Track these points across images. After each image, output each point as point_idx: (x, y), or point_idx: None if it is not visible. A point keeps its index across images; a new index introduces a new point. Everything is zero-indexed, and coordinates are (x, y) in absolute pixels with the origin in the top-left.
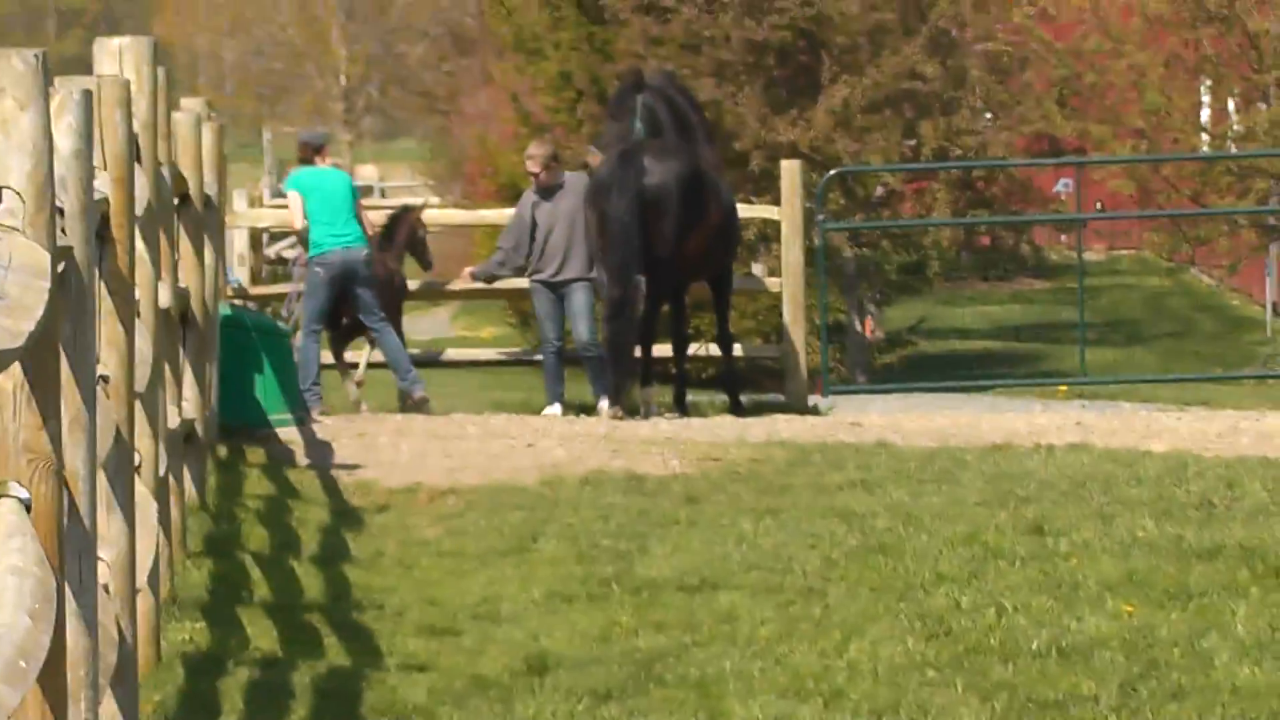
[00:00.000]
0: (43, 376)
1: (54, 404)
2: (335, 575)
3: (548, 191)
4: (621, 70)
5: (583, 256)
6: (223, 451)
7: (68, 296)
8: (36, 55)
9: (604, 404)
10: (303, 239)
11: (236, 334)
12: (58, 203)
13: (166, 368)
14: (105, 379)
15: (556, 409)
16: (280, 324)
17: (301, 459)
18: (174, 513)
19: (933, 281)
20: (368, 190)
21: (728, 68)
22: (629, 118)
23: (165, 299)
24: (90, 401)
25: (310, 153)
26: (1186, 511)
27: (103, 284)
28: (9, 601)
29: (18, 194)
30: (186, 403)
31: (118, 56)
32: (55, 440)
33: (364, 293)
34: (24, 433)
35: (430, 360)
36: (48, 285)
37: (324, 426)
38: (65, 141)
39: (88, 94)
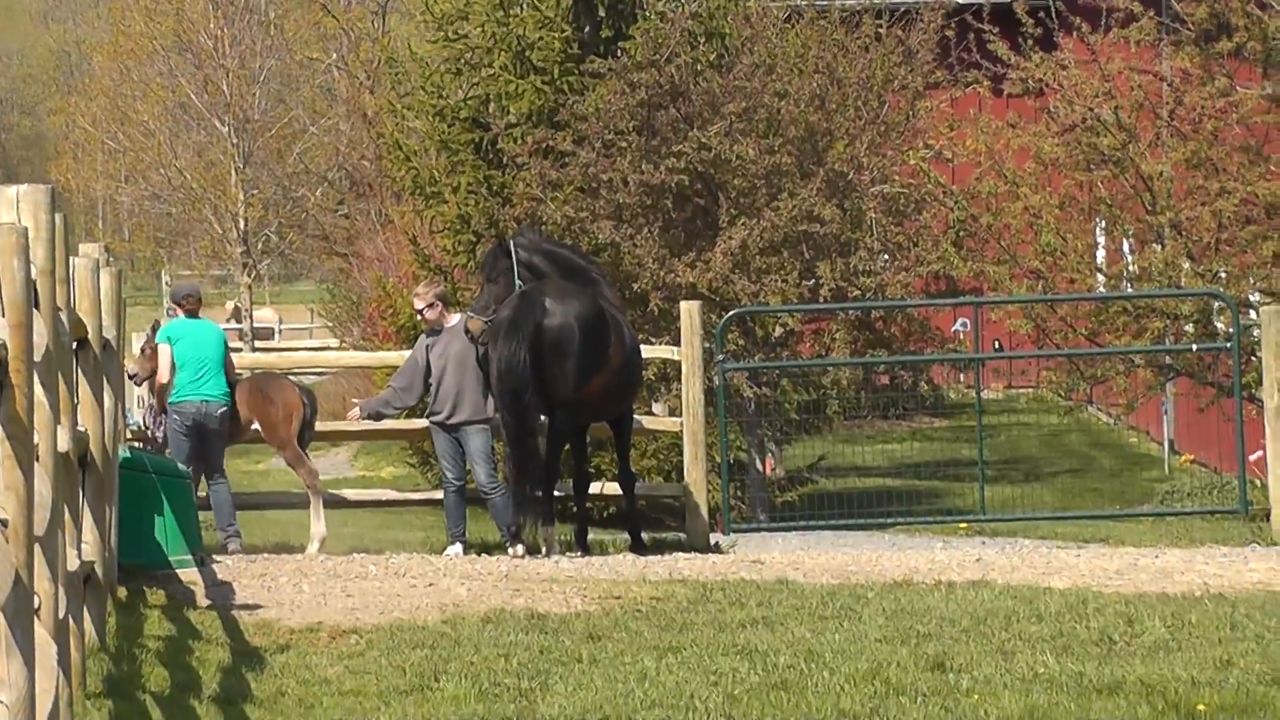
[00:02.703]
0: None
1: None
2: (236, 715)
3: (436, 332)
4: (518, 214)
5: (476, 398)
6: (123, 593)
7: None
8: None
9: (455, 548)
10: (162, 392)
11: (136, 476)
12: None
13: (66, 510)
14: (4, 523)
15: (458, 548)
16: (180, 466)
17: (202, 599)
18: (74, 654)
19: (833, 420)
20: (267, 332)
21: (626, 210)
22: (506, 276)
23: (64, 443)
24: None
25: (187, 304)
26: (1087, 647)
27: (0, 429)
28: None
29: None
30: (86, 545)
31: (14, 204)
32: None
33: (211, 444)
34: None
35: (332, 500)
36: None
37: (225, 567)
38: None
39: None
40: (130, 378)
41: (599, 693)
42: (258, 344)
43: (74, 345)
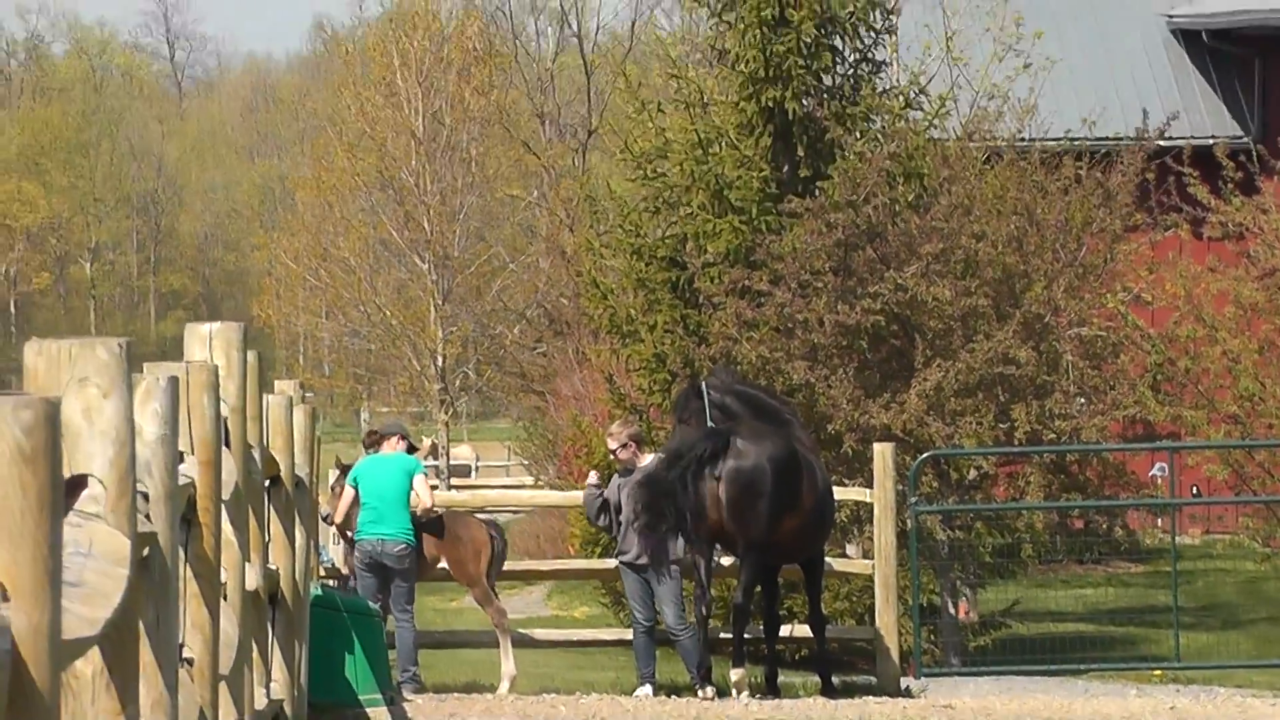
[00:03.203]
0: (122, 662)
1: (132, 688)
2: None
3: (628, 472)
4: (713, 353)
5: (666, 540)
6: None
7: (151, 581)
8: (120, 344)
9: (645, 689)
10: (341, 530)
11: (327, 614)
12: (142, 488)
13: (254, 648)
14: (189, 661)
15: (648, 689)
16: (371, 604)
17: None
18: None
19: (1027, 564)
20: (464, 470)
21: (820, 350)
22: (698, 418)
23: (253, 581)
24: (172, 685)
25: (374, 441)
26: None
27: (188, 567)
28: None
29: (100, 481)
30: (275, 683)
31: (207, 341)
32: None
33: (397, 584)
34: (102, 718)
35: (522, 640)
36: (127, 572)
37: (414, 706)
38: (150, 427)
39: (173, 380)
40: (322, 518)
41: None
42: (454, 481)
43: (266, 483)
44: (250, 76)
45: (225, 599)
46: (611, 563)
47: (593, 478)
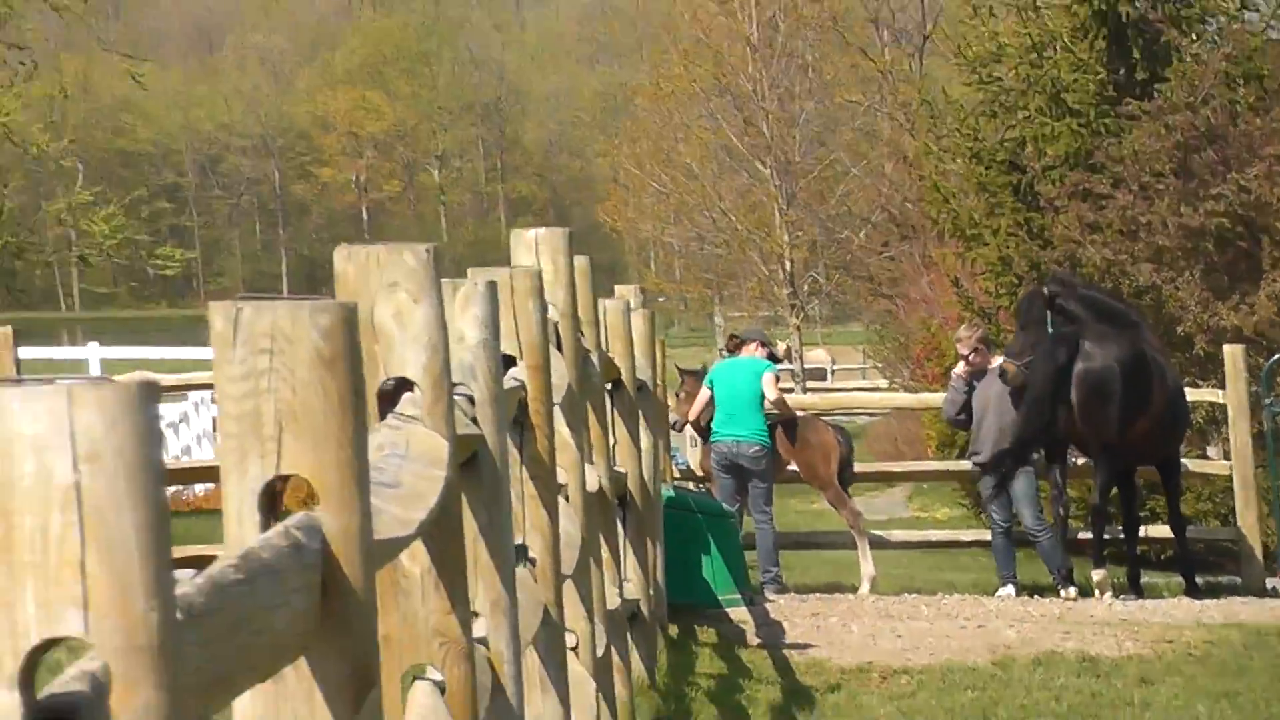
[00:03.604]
0: (447, 561)
1: (460, 587)
2: None
3: (979, 374)
4: (1058, 257)
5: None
6: (674, 630)
7: (481, 483)
8: (427, 250)
9: (1007, 590)
10: (699, 431)
11: (681, 515)
12: (467, 391)
13: (605, 549)
14: (532, 561)
15: (1010, 590)
16: (725, 505)
17: (752, 638)
18: (619, 691)
19: None
20: (820, 373)
21: (1166, 253)
22: (1041, 323)
23: (594, 481)
24: (510, 584)
25: (734, 345)
26: None
27: (523, 469)
28: None
29: (414, 384)
30: (628, 583)
31: (534, 248)
32: (465, 624)
33: (755, 485)
34: (434, 617)
35: (881, 542)
36: (443, 474)
37: (776, 606)
38: (472, 331)
39: (492, 285)
40: (671, 425)
41: None
42: (809, 385)
43: (609, 387)
44: None
45: (566, 500)
46: (967, 464)
47: (960, 370)
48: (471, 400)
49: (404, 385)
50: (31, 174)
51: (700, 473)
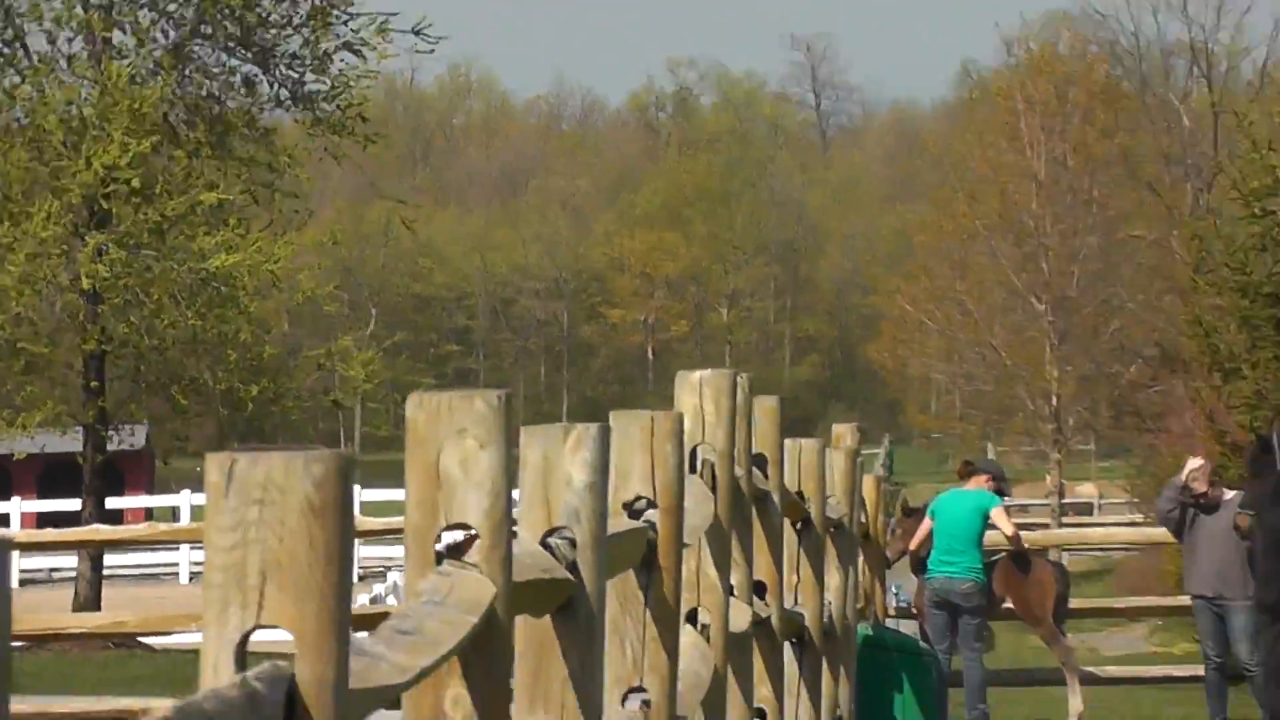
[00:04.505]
0: (492, 708)
1: None
2: None
3: (1209, 509)
4: None
5: (1241, 573)
6: None
7: (576, 627)
8: (499, 396)
9: None
10: (915, 561)
11: (876, 653)
12: (570, 535)
13: (769, 687)
14: (647, 703)
15: None
16: (923, 645)
17: None
18: None
19: None
20: (1085, 508)
21: None
22: (1270, 470)
23: (743, 622)
24: None
25: (965, 472)
26: None
27: (648, 611)
28: None
29: (473, 532)
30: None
31: (698, 389)
32: None
33: (965, 622)
34: None
35: (1092, 678)
36: (474, 620)
37: None
38: (579, 475)
39: (604, 429)
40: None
41: None
42: (1064, 520)
43: (798, 526)
44: (895, 122)
45: (709, 640)
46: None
47: (1171, 490)
48: (573, 544)
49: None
50: (317, 320)
51: (916, 610)
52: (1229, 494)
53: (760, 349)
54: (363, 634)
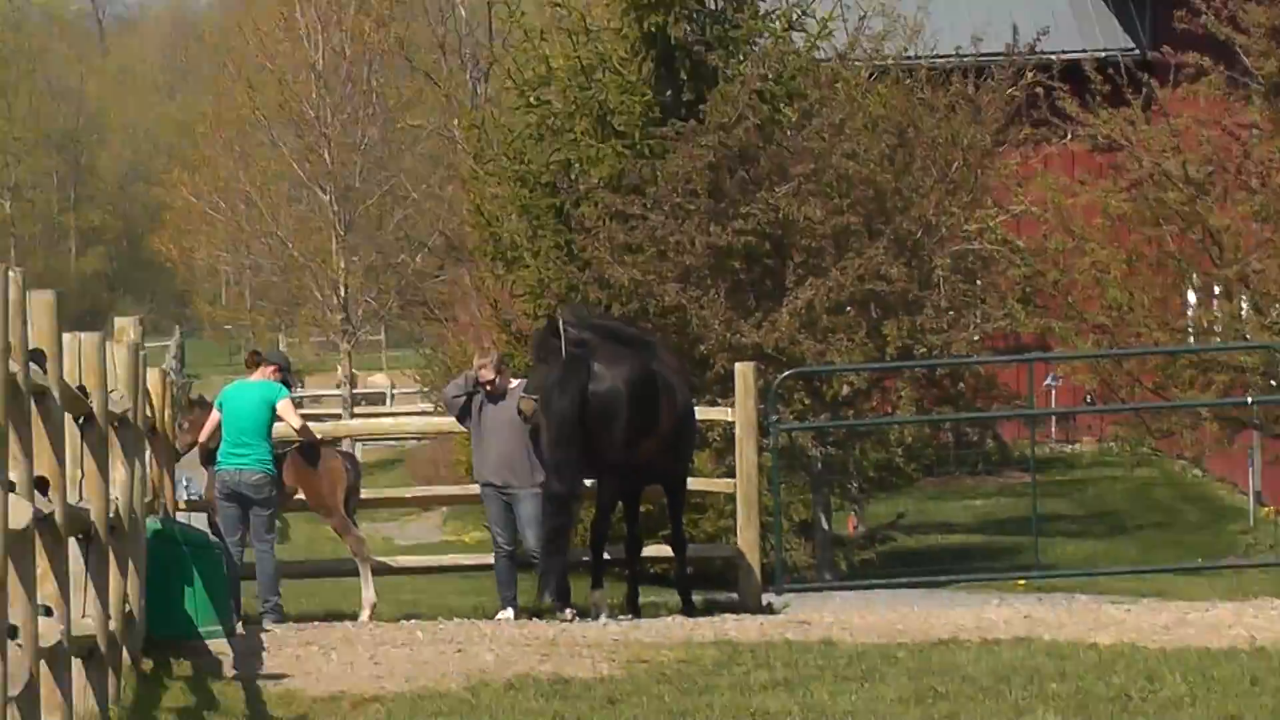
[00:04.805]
0: None
1: None
2: None
3: (496, 397)
4: (589, 277)
5: (527, 461)
6: (149, 665)
7: None
8: None
9: (507, 613)
10: (204, 454)
11: (166, 547)
12: None
13: (55, 585)
14: None
15: (509, 613)
16: (214, 538)
17: (228, 670)
18: None
19: (914, 476)
20: (379, 398)
21: (693, 272)
22: (556, 355)
23: (23, 518)
24: None
25: (252, 361)
26: (1100, 705)
27: None
28: None
29: None
30: (87, 619)
31: None
32: None
33: (256, 513)
34: None
35: (383, 568)
36: None
37: (272, 635)
38: None
39: None
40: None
41: None
42: (356, 410)
43: (80, 420)
44: (173, 12)
45: None
46: (475, 488)
47: (461, 379)
48: None
49: None
50: None
51: (207, 502)
52: (514, 382)
53: (45, 241)
54: None
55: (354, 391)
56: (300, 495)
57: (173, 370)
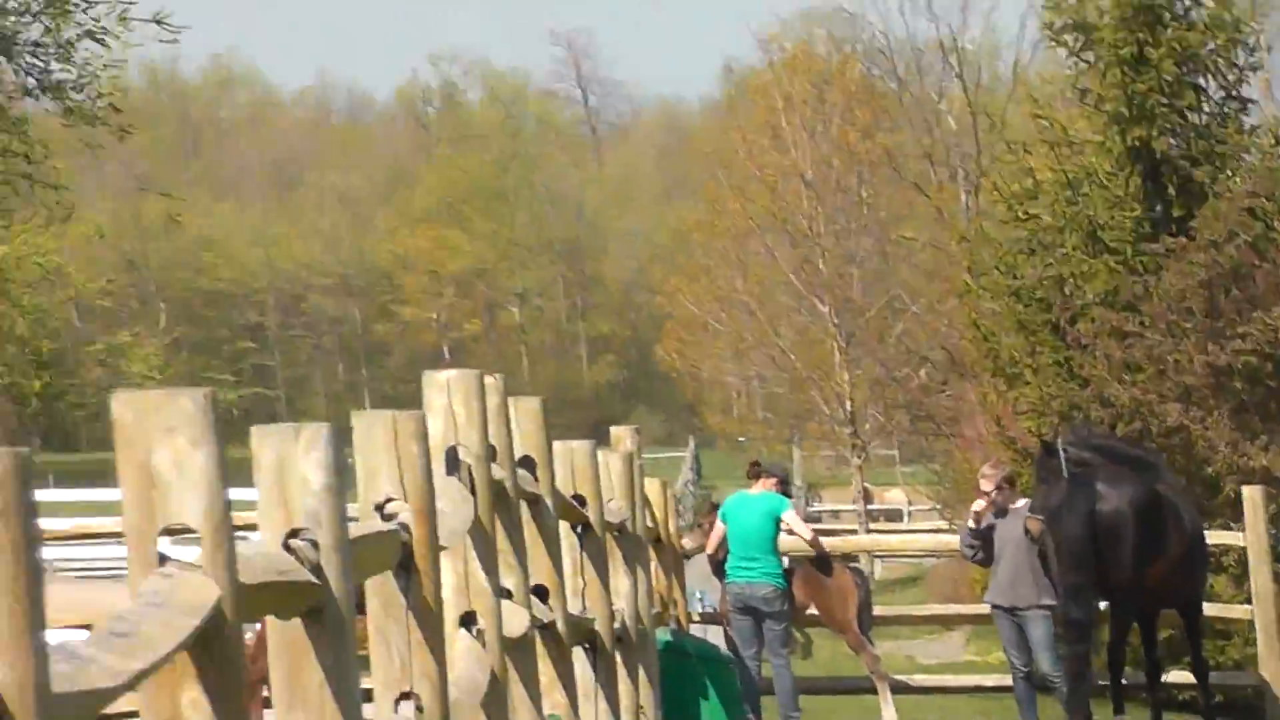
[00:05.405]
0: (228, 710)
1: None
2: None
3: (1002, 513)
4: (1089, 395)
5: (1034, 582)
6: None
7: (325, 630)
8: (205, 395)
9: None
10: (714, 565)
11: (678, 659)
12: (312, 536)
13: (562, 693)
14: (420, 708)
15: None
16: (725, 651)
17: None
18: None
19: None
20: (895, 514)
21: (1194, 392)
22: (1056, 476)
23: (520, 626)
24: None
25: (753, 474)
26: None
27: (410, 615)
28: None
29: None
30: None
31: (445, 390)
32: None
33: (769, 627)
34: None
35: (903, 687)
36: (195, 623)
37: None
38: (316, 476)
39: (335, 430)
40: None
41: None
42: (883, 525)
43: (578, 530)
44: (664, 118)
45: (484, 644)
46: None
47: (978, 508)
48: (316, 546)
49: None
50: (102, 314)
51: (721, 616)
52: (1020, 502)
53: (555, 349)
54: (78, 636)
55: (869, 507)
56: (812, 610)
57: (689, 482)
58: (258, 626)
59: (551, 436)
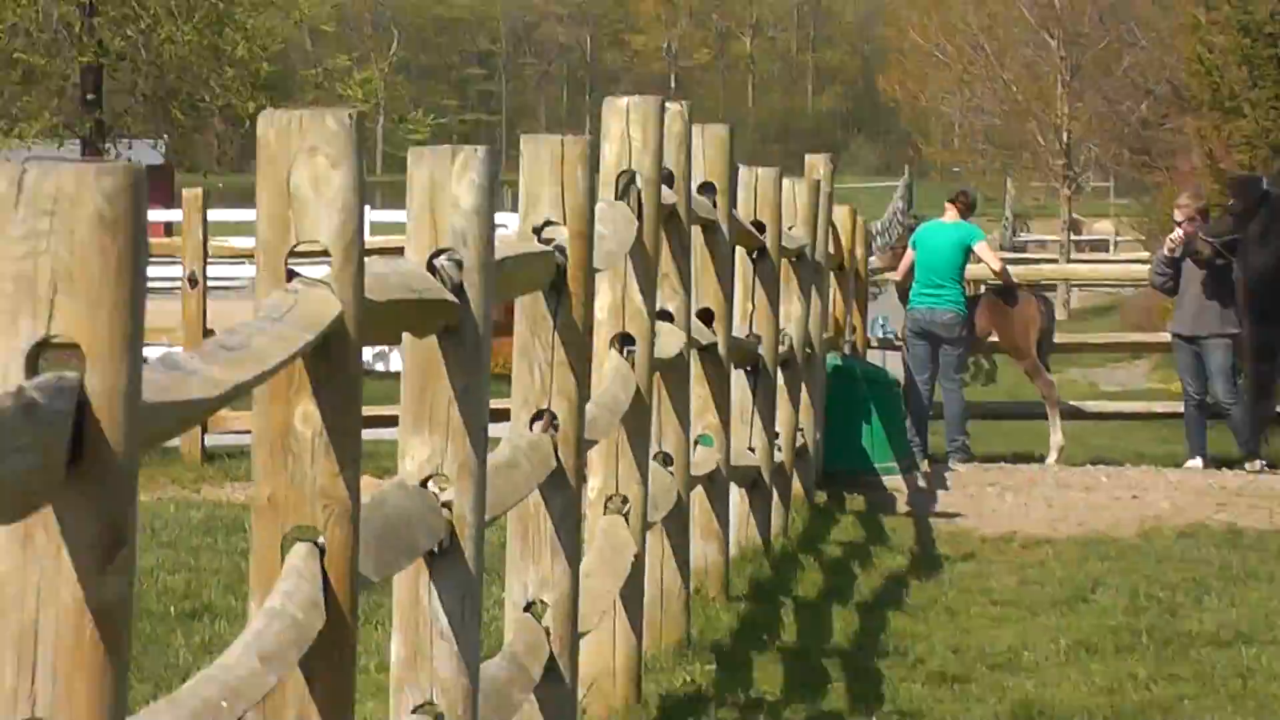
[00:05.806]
0: (340, 425)
1: (352, 451)
2: (873, 621)
3: (1189, 247)
4: None
5: (1218, 311)
6: (822, 498)
7: (462, 348)
8: (350, 115)
9: (1194, 462)
10: (900, 292)
11: (845, 383)
12: (457, 256)
13: (715, 414)
14: (555, 425)
15: (1198, 462)
16: (888, 373)
17: (902, 506)
18: (703, 555)
19: None
20: (1103, 245)
21: None
22: (1254, 213)
23: (672, 347)
24: (480, 448)
25: (964, 203)
26: None
27: (556, 335)
28: (241, 642)
29: (325, 249)
30: (753, 449)
31: (624, 115)
32: (352, 486)
33: (946, 352)
34: (321, 479)
35: (1075, 412)
36: (309, 337)
37: (956, 475)
38: (467, 198)
39: (491, 151)
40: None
41: (1247, 610)
42: (1075, 257)
43: (753, 255)
44: None
45: (633, 366)
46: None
47: (1175, 236)
48: (460, 266)
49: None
50: (334, 39)
51: (901, 341)
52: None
53: (783, 80)
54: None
55: (1077, 238)
56: (993, 338)
57: (899, 210)
58: None
59: (737, 161)
